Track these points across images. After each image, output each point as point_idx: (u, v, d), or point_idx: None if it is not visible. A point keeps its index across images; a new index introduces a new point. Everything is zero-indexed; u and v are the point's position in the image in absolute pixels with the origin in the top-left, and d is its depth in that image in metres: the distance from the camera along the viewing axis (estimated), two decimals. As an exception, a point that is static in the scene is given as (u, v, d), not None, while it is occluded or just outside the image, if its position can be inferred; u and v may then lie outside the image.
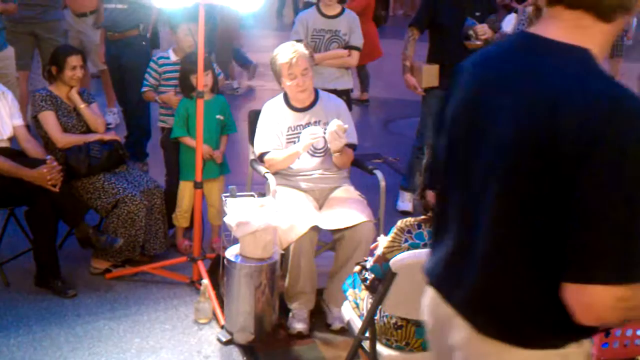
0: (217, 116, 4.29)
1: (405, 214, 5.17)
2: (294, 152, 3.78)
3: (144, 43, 5.70)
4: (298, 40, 4.54)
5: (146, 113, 5.77)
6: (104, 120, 4.37)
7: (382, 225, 3.83)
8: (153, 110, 5.39)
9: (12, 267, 4.02)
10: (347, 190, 3.88)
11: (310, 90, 3.89)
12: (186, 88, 4.22)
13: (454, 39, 4.89)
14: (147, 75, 4.48)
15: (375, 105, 8.67)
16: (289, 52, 3.78)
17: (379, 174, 3.91)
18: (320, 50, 4.81)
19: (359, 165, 4.10)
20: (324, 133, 3.75)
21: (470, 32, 4.83)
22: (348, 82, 4.96)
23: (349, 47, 4.86)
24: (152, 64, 4.47)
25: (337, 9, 4.88)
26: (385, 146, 6.93)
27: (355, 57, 4.92)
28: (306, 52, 3.83)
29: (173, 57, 4.45)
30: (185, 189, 4.26)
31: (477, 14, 4.88)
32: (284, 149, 3.83)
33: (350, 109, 4.79)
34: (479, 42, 4.85)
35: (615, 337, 3.55)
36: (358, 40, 4.89)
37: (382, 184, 3.88)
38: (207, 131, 4.11)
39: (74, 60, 4.15)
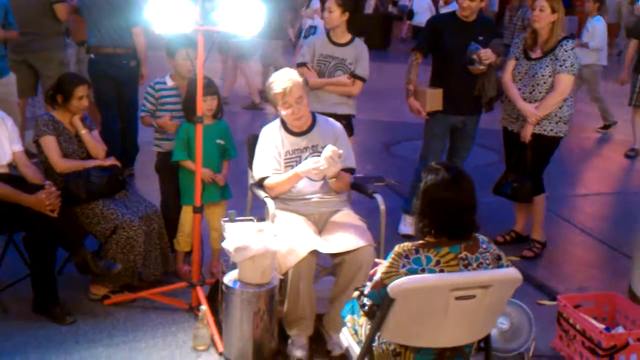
0: (218, 141, 4.28)
1: (407, 237, 5.12)
2: (293, 175, 3.76)
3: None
4: (300, 64, 4.59)
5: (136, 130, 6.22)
6: (104, 146, 4.33)
7: (383, 249, 3.79)
8: (146, 132, 5.45)
9: (10, 294, 3.99)
10: (347, 214, 3.85)
11: (307, 116, 3.87)
12: (190, 112, 4.18)
13: (457, 63, 4.88)
14: (144, 101, 4.49)
15: (377, 128, 8.67)
16: (282, 81, 3.75)
17: (378, 197, 3.88)
18: (324, 75, 4.83)
19: (359, 189, 4.08)
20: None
21: (474, 56, 4.81)
22: (348, 108, 4.95)
23: (353, 76, 4.86)
24: (149, 90, 4.47)
25: (347, 37, 4.90)
26: (387, 169, 6.91)
27: (358, 86, 4.91)
28: (300, 79, 3.78)
29: (170, 83, 4.46)
30: (188, 213, 4.24)
31: (481, 38, 4.86)
32: (284, 173, 3.82)
33: (351, 133, 4.79)
34: (482, 67, 4.83)
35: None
36: (363, 70, 4.89)
37: (382, 207, 3.84)
38: (207, 156, 4.09)
39: (80, 90, 4.15)
